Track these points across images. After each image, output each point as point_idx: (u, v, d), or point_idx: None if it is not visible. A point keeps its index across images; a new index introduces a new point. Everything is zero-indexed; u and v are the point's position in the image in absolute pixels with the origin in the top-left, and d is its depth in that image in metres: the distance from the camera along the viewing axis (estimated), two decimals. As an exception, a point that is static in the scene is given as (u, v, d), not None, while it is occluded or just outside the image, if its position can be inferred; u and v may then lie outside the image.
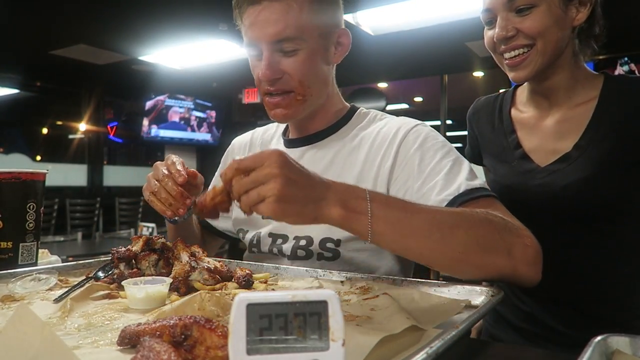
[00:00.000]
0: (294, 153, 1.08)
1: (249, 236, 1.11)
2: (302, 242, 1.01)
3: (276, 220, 0.79)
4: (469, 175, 0.88)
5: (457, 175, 0.88)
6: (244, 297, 0.38)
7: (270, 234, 1.06)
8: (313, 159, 1.05)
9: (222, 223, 1.23)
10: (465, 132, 1.32)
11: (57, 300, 0.74)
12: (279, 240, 1.05)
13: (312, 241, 1.00)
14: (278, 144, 1.15)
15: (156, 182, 0.89)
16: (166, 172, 0.89)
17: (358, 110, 1.11)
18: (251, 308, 0.38)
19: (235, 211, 1.16)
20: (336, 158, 1.03)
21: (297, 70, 0.95)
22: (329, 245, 0.99)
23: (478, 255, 0.72)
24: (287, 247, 1.03)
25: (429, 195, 0.87)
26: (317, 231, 0.99)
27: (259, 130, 1.24)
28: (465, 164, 0.92)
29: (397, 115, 1.06)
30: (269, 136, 1.20)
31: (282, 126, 1.18)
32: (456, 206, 0.83)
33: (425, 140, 0.96)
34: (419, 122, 1.02)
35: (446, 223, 0.72)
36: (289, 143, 1.11)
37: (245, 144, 1.23)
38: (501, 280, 0.79)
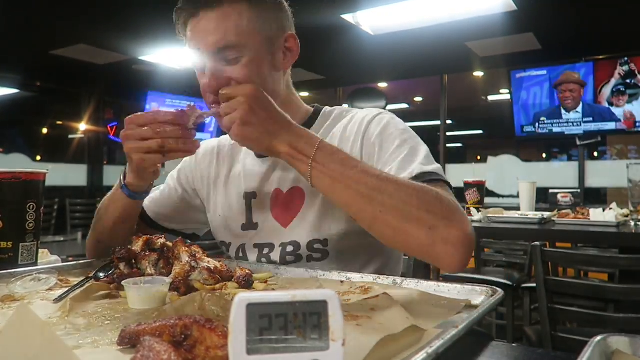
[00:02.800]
0: (266, 162, 1.07)
1: (233, 249, 1.11)
2: (290, 248, 1.01)
3: (240, 144, 0.85)
4: (424, 160, 0.91)
5: (412, 160, 0.91)
6: (244, 297, 0.38)
7: (256, 245, 1.06)
8: (287, 165, 1.03)
9: (172, 224, 1.20)
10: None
11: (57, 300, 0.74)
12: (266, 250, 1.04)
13: (300, 245, 1.00)
14: (246, 156, 1.12)
15: (148, 133, 0.86)
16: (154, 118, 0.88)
17: (322, 111, 1.10)
18: (251, 308, 0.38)
19: (215, 221, 1.14)
20: None
21: (242, 76, 0.93)
22: (317, 246, 0.99)
23: (396, 219, 0.76)
24: (275, 256, 1.03)
25: None
26: (303, 235, 1.00)
27: (226, 137, 1.19)
28: (423, 149, 0.94)
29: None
30: (237, 148, 1.16)
31: None
32: None
33: (385, 128, 0.98)
34: (382, 110, 1.04)
35: (377, 183, 0.77)
36: (259, 154, 1.09)
37: (211, 157, 1.18)
38: (419, 255, 0.81)
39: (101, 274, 0.86)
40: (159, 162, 0.90)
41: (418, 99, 7.93)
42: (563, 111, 4.90)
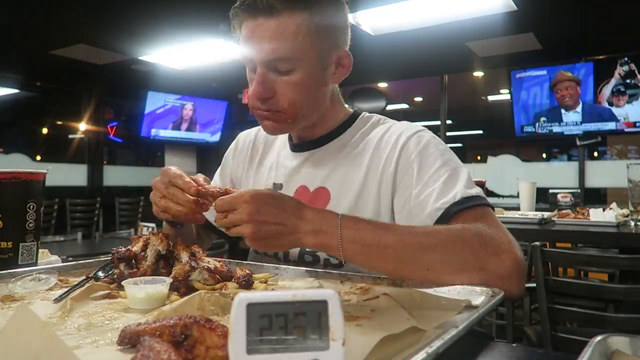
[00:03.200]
0: (299, 157, 1.08)
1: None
2: (308, 257, 1.01)
3: (260, 248, 0.84)
4: (467, 184, 0.89)
5: (455, 183, 0.88)
6: (244, 297, 0.38)
7: None
8: (318, 163, 1.05)
9: None
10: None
11: (57, 300, 0.73)
12: (280, 253, 1.04)
13: (319, 257, 1.00)
14: (282, 147, 1.15)
15: (169, 189, 0.87)
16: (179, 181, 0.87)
17: (361, 115, 1.10)
18: (251, 308, 0.38)
19: None
20: (340, 162, 1.03)
21: (290, 91, 0.93)
22: (333, 261, 0.99)
23: (446, 272, 0.74)
24: (293, 252, 1.03)
25: (427, 202, 0.88)
26: None
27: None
28: (464, 172, 0.92)
29: (398, 116, 1.07)
30: (272, 137, 1.19)
31: None
32: (451, 215, 0.84)
33: (426, 147, 0.95)
34: (421, 127, 1.01)
35: (415, 245, 0.75)
36: (294, 147, 1.11)
37: (249, 142, 1.22)
38: None
39: (101, 274, 0.86)
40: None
41: (418, 99, 7.92)
42: (563, 111, 4.90)
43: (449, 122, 6.01)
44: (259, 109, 0.96)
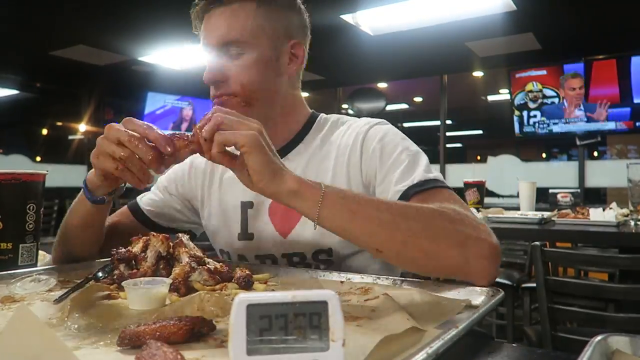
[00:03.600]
0: None
1: (234, 259, 1.09)
2: (296, 259, 1.01)
3: (247, 158, 0.70)
4: (426, 168, 0.92)
5: (415, 168, 0.92)
6: (244, 297, 0.38)
7: (257, 256, 1.05)
8: None
9: (170, 223, 1.18)
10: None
11: (57, 301, 0.73)
12: (268, 261, 1.04)
13: (305, 256, 1.00)
14: None
15: (120, 147, 0.75)
16: (133, 133, 0.75)
17: (318, 118, 1.10)
18: (251, 308, 0.38)
19: (209, 229, 1.14)
20: (307, 169, 1.02)
21: (240, 73, 0.95)
22: (322, 257, 0.99)
23: (427, 240, 0.73)
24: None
25: (389, 188, 0.91)
26: (307, 246, 0.99)
27: None
28: (423, 158, 0.96)
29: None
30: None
31: None
32: (410, 196, 0.86)
33: (385, 135, 0.99)
34: (380, 120, 1.05)
35: (397, 209, 0.75)
36: None
37: (206, 161, 1.13)
38: (451, 274, 0.79)
39: (101, 275, 0.86)
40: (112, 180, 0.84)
41: (418, 99, 7.92)
42: (563, 111, 4.90)
43: (448, 122, 6.01)
44: (214, 96, 0.98)
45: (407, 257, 0.76)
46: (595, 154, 6.64)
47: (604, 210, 2.26)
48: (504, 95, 6.78)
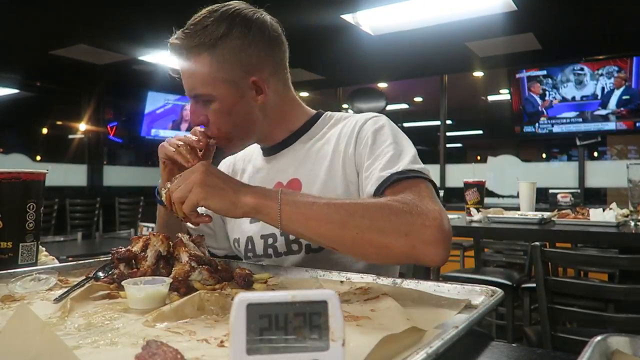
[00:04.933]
0: (271, 160, 1.15)
1: (242, 242, 1.14)
2: (292, 237, 1.04)
3: (204, 205, 0.84)
4: (412, 160, 0.95)
5: (401, 157, 0.95)
6: (244, 297, 0.38)
7: (262, 236, 1.10)
8: (288, 159, 1.11)
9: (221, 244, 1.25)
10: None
11: (57, 300, 0.73)
12: (270, 240, 1.08)
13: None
14: (257, 157, 1.21)
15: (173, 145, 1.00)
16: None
17: (324, 115, 1.16)
18: (251, 308, 0.38)
19: (229, 222, 1.21)
20: (307, 154, 1.09)
21: (215, 119, 1.02)
22: None
23: (374, 234, 0.79)
24: (280, 244, 1.07)
25: (374, 174, 0.95)
26: None
27: (242, 152, 1.28)
28: (412, 150, 0.99)
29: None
30: (249, 151, 1.25)
31: None
32: (391, 182, 0.90)
33: (381, 127, 1.03)
34: (379, 114, 1.09)
35: (345, 209, 0.81)
36: (264, 153, 1.18)
37: (230, 167, 1.27)
38: (404, 260, 0.88)
39: (101, 274, 0.86)
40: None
41: (418, 99, 7.91)
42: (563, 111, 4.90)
43: (448, 122, 6.01)
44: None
45: (360, 252, 0.84)
46: (595, 154, 6.63)
47: (604, 210, 2.26)
48: (504, 95, 6.78)
